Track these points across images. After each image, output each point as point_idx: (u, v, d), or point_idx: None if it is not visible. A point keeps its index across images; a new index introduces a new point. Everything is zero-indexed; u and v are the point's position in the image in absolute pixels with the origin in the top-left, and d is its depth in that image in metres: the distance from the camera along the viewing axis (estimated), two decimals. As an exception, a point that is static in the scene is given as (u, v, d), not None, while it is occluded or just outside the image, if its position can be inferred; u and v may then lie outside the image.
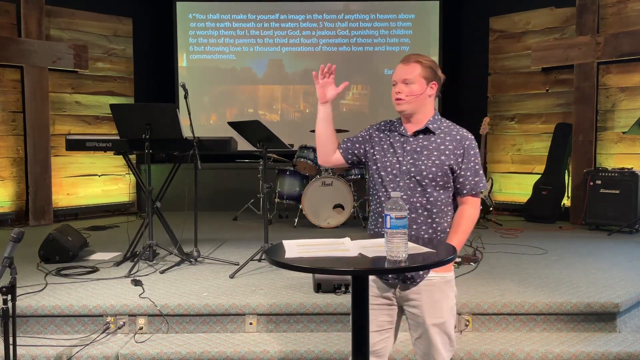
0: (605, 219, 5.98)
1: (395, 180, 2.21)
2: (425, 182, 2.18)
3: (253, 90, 8.23)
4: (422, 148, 2.22)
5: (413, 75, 2.20)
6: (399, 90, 2.21)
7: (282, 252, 1.91)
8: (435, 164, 2.18)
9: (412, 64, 2.21)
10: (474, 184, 2.23)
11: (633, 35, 6.11)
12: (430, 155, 2.20)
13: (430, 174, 2.18)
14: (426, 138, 2.23)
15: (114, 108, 4.39)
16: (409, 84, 2.20)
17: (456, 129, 2.27)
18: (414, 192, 2.18)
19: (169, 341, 3.25)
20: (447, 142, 2.21)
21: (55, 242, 4.43)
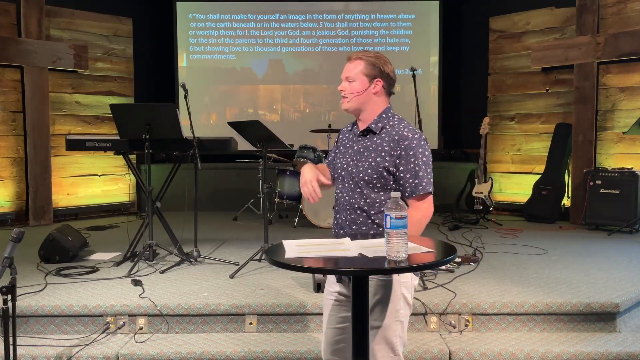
0: (605, 219, 5.98)
1: (342, 180, 2.24)
2: (362, 184, 2.15)
3: (253, 90, 8.23)
4: (364, 149, 2.19)
5: (354, 72, 2.16)
6: (341, 88, 2.20)
7: (282, 252, 1.91)
8: (370, 166, 2.13)
9: (354, 60, 2.17)
10: (414, 186, 2.11)
11: (633, 35, 6.11)
12: (368, 157, 2.15)
13: (365, 175, 2.14)
14: (369, 138, 2.19)
15: (114, 108, 4.39)
16: (350, 81, 2.17)
17: (398, 128, 2.15)
18: (354, 193, 2.18)
19: (169, 341, 3.25)
20: (384, 143, 2.14)
21: (55, 242, 4.43)
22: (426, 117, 5.92)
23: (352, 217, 2.18)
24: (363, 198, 2.16)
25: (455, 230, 5.99)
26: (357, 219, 2.18)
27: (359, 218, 2.18)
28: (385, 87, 2.19)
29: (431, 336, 3.30)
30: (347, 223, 2.20)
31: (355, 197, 2.18)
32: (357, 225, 2.18)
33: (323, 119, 8.01)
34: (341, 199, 2.23)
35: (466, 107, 8.16)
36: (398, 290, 2.14)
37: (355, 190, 2.17)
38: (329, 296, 2.26)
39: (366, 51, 2.21)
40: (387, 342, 2.13)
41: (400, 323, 2.15)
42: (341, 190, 2.24)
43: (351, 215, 2.19)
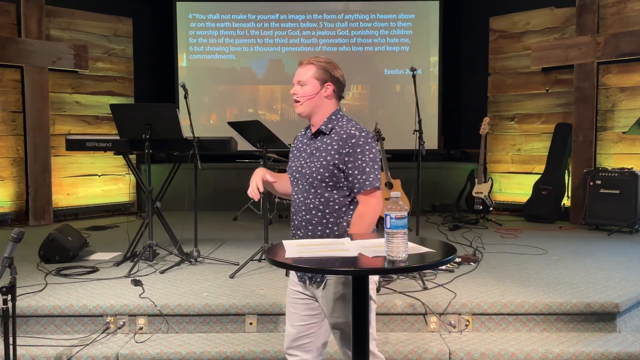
0: (605, 219, 5.98)
1: (297, 182, 2.28)
2: (316, 183, 2.20)
3: (253, 90, 8.23)
4: (316, 149, 2.25)
5: (306, 76, 2.23)
6: (294, 91, 2.26)
7: (282, 252, 1.91)
8: (322, 165, 2.20)
9: (306, 65, 2.24)
10: (362, 181, 2.18)
11: (633, 35, 6.11)
12: (319, 157, 2.22)
13: (318, 174, 2.20)
14: (320, 139, 2.26)
15: (114, 108, 4.39)
16: (303, 85, 2.24)
17: (346, 127, 2.22)
18: (308, 194, 2.22)
19: (169, 341, 3.25)
20: (333, 142, 2.21)
21: (55, 242, 4.43)
22: (426, 117, 5.93)
23: (307, 217, 2.23)
24: (317, 197, 2.21)
25: (455, 230, 5.99)
26: (312, 220, 2.23)
27: (314, 218, 2.22)
28: (336, 91, 2.28)
29: (431, 336, 3.30)
30: (303, 224, 2.25)
31: (310, 198, 2.22)
32: (312, 226, 2.23)
33: (323, 119, 8.00)
34: (297, 201, 2.28)
35: (466, 107, 8.16)
36: None
37: (310, 191, 2.22)
38: (291, 295, 2.30)
39: (317, 57, 2.27)
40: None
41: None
42: (296, 192, 2.28)
43: (306, 215, 2.23)
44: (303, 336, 2.28)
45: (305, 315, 2.27)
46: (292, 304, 2.30)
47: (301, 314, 2.27)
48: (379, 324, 3.36)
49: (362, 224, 2.17)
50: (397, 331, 3.38)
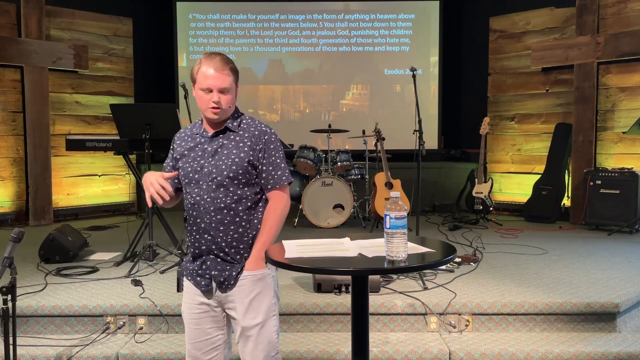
0: (605, 219, 5.98)
1: (198, 183, 2.16)
2: (227, 182, 2.14)
3: (253, 90, 8.23)
4: (223, 147, 2.18)
5: (229, 84, 2.17)
6: (217, 99, 2.13)
7: (281, 252, 1.92)
8: (234, 162, 2.14)
9: (226, 72, 2.16)
10: (277, 177, 2.20)
11: (633, 35, 6.11)
12: (230, 154, 2.16)
13: (231, 172, 2.14)
14: (226, 137, 2.20)
15: (114, 108, 4.39)
16: (225, 93, 2.15)
17: (254, 124, 2.24)
18: (217, 193, 2.13)
19: (169, 341, 3.25)
20: (245, 139, 2.19)
21: (55, 242, 4.43)
22: (426, 117, 5.93)
23: (218, 217, 2.13)
24: (229, 196, 2.14)
25: (455, 230, 5.99)
26: (224, 219, 2.14)
27: (225, 218, 2.14)
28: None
29: (431, 336, 3.30)
30: (213, 225, 2.13)
31: (220, 197, 2.14)
32: (224, 226, 2.14)
33: (323, 119, 8.01)
34: (200, 202, 2.15)
35: (466, 107, 8.16)
36: (272, 284, 2.20)
37: (219, 190, 2.14)
38: (193, 310, 2.19)
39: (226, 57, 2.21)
40: (269, 340, 2.16)
41: (276, 317, 2.21)
42: (198, 194, 2.16)
43: (217, 216, 2.13)
44: (207, 351, 2.19)
45: (209, 328, 2.19)
46: (194, 320, 2.19)
47: (205, 328, 2.19)
48: (379, 324, 3.37)
49: (277, 219, 2.18)
50: (397, 331, 3.38)
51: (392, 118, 7.84)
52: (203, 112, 2.19)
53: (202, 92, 2.14)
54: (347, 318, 3.30)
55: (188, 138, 2.27)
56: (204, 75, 2.13)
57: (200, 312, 2.19)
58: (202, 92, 2.14)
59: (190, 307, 2.21)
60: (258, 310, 2.14)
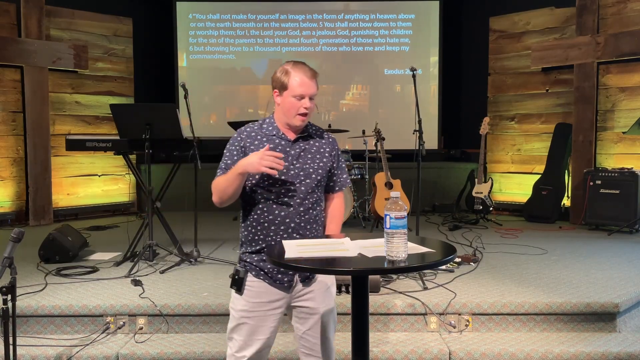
0: (605, 219, 5.98)
1: (285, 185, 2.20)
2: (314, 184, 2.24)
3: (253, 90, 8.23)
4: (305, 152, 2.27)
5: (316, 91, 2.26)
6: (308, 105, 2.21)
7: (282, 252, 1.92)
8: (319, 166, 2.27)
9: (315, 79, 2.24)
10: (343, 180, 2.39)
11: (633, 35, 6.11)
12: (315, 159, 2.27)
13: (318, 176, 2.25)
14: (306, 142, 2.29)
15: (114, 108, 4.39)
16: (313, 99, 2.23)
17: (325, 132, 2.39)
18: (306, 195, 2.22)
19: (169, 341, 3.25)
20: (324, 146, 2.32)
21: (55, 242, 4.43)
22: (426, 117, 5.93)
23: (306, 217, 2.22)
24: (314, 197, 2.25)
25: (455, 230, 5.99)
26: (310, 218, 2.24)
27: (311, 217, 2.24)
28: None
29: (431, 336, 3.30)
30: (302, 225, 2.22)
31: (308, 198, 2.23)
32: (310, 224, 2.24)
33: (323, 119, 8.01)
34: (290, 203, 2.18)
35: (466, 107, 8.16)
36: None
37: (307, 192, 2.22)
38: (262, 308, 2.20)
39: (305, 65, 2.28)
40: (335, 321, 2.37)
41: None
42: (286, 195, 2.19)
43: (305, 215, 2.22)
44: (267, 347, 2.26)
45: (273, 327, 2.25)
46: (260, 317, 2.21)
47: (270, 326, 2.23)
48: (379, 324, 3.37)
49: (341, 218, 2.40)
50: (397, 331, 3.38)
51: (392, 118, 7.84)
52: (290, 118, 2.23)
53: (293, 98, 2.20)
54: (347, 318, 3.30)
55: (262, 138, 2.27)
56: (298, 83, 2.20)
57: (269, 309, 2.22)
58: (293, 99, 2.20)
59: (259, 305, 2.21)
60: (332, 296, 2.31)
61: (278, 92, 2.27)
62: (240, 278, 2.26)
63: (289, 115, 2.23)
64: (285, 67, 2.26)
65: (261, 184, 2.22)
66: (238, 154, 2.26)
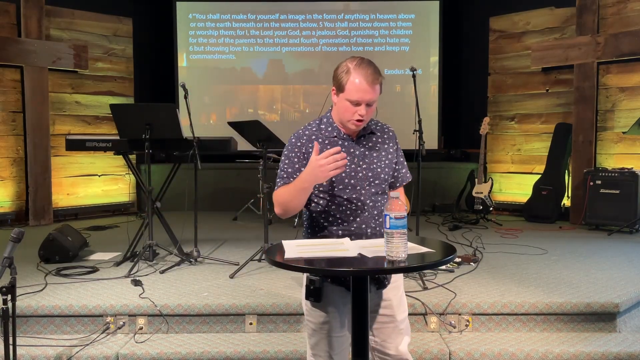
0: (605, 219, 5.98)
1: (355, 188, 2.10)
2: (385, 184, 2.17)
3: (253, 90, 8.23)
4: (370, 150, 2.16)
5: (377, 96, 2.10)
6: (363, 113, 2.06)
7: (281, 252, 1.92)
8: (387, 164, 2.18)
9: (377, 85, 2.07)
10: (403, 174, 2.30)
11: (633, 35, 6.11)
12: (381, 157, 2.17)
13: (386, 175, 2.17)
14: (369, 139, 2.19)
15: (114, 108, 4.39)
16: (371, 105, 2.09)
17: (385, 126, 2.26)
18: (376, 196, 2.15)
19: (169, 341, 3.25)
20: (387, 141, 2.22)
21: (55, 242, 4.43)
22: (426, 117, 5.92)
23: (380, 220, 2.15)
24: (381, 196, 2.17)
25: (455, 230, 5.99)
26: (379, 219, 2.16)
27: (380, 217, 2.15)
28: None
29: (431, 336, 3.30)
30: (378, 229, 2.14)
31: (379, 199, 2.16)
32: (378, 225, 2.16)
33: (323, 119, 8.00)
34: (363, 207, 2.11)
35: (466, 107, 8.16)
36: None
37: (377, 192, 2.15)
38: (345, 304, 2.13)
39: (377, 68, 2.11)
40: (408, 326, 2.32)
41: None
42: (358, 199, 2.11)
43: (380, 219, 2.15)
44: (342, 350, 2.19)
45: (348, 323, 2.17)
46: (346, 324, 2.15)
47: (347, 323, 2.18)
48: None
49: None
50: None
51: (392, 118, 7.79)
52: (344, 122, 2.11)
53: (348, 102, 2.06)
54: (347, 318, 3.30)
55: (323, 141, 2.14)
56: (355, 88, 2.03)
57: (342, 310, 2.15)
58: (348, 103, 2.06)
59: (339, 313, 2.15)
60: (405, 303, 2.25)
61: (335, 90, 2.11)
62: (316, 287, 2.10)
63: (343, 119, 2.11)
64: (348, 64, 2.06)
65: (329, 191, 2.11)
66: (300, 161, 2.13)
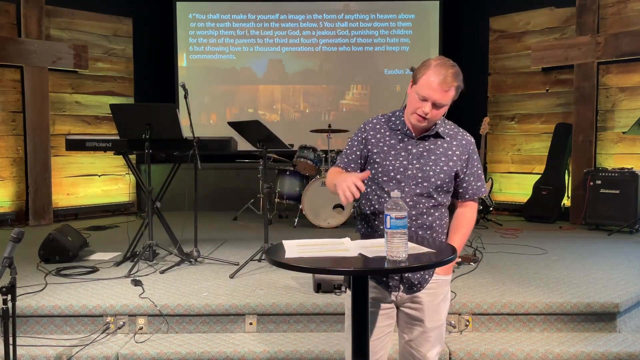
0: (605, 219, 5.98)
1: (400, 184, 2.11)
2: (433, 188, 2.10)
3: (253, 90, 8.23)
4: (429, 152, 2.13)
5: (447, 101, 2.06)
6: (427, 110, 2.03)
7: (282, 252, 1.91)
8: (443, 170, 2.11)
9: (451, 89, 2.04)
10: (477, 188, 2.21)
11: (633, 35, 6.11)
12: (438, 161, 2.12)
13: (438, 180, 2.11)
14: (433, 141, 2.14)
15: (114, 108, 4.38)
16: (439, 108, 2.05)
17: (460, 132, 2.21)
18: (420, 198, 2.11)
19: (169, 341, 3.25)
20: (454, 147, 2.15)
21: (55, 242, 4.42)
22: (426, 117, 5.93)
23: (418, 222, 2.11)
24: (430, 202, 2.11)
25: (455, 230, 5.98)
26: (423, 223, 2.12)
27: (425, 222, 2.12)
28: None
29: (431, 336, 3.30)
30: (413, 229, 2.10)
31: (422, 202, 2.11)
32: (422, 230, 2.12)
33: (323, 119, 8.01)
34: None
35: (466, 107, 8.13)
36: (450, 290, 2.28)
37: (422, 195, 2.10)
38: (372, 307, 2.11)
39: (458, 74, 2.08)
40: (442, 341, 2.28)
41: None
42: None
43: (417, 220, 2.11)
44: (379, 348, 2.17)
45: (382, 326, 2.16)
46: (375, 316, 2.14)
47: (380, 326, 2.16)
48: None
49: (471, 228, 2.22)
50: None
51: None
52: (409, 114, 2.10)
53: (417, 96, 2.05)
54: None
55: (386, 132, 2.17)
56: (427, 84, 2.03)
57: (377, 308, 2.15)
58: (417, 97, 2.06)
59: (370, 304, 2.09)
60: (441, 313, 2.18)
61: (412, 82, 2.11)
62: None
63: (408, 111, 2.10)
64: (432, 61, 2.07)
65: (376, 180, 2.14)
66: (358, 145, 2.22)
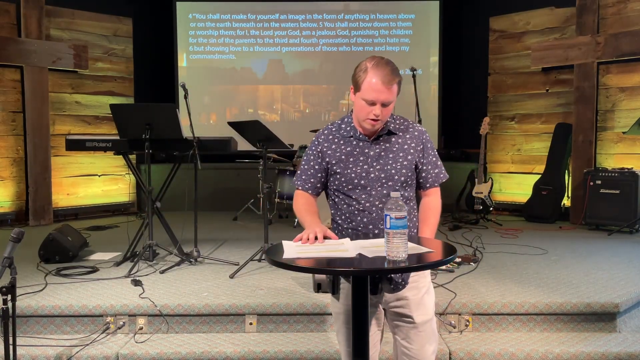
0: (605, 219, 5.98)
1: (366, 189, 2.12)
2: (399, 185, 2.13)
3: (253, 90, 8.23)
4: (386, 151, 2.14)
5: (394, 97, 2.08)
6: (378, 113, 2.05)
7: (281, 252, 1.91)
8: (404, 165, 2.14)
9: (394, 85, 2.06)
10: (435, 175, 2.25)
11: (633, 35, 6.11)
12: (397, 157, 2.14)
13: (402, 176, 2.14)
14: (387, 139, 2.16)
15: (114, 108, 4.39)
16: (386, 105, 2.07)
17: (411, 125, 2.22)
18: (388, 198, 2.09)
19: (169, 341, 3.25)
20: (408, 141, 2.17)
21: (55, 242, 4.43)
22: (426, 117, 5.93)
23: None
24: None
25: (455, 230, 5.99)
26: None
27: None
28: None
29: (431, 336, 3.30)
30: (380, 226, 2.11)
31: None
32: None
33: (323, 119, 8.01)
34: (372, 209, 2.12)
35: (466, 107, 8.16)
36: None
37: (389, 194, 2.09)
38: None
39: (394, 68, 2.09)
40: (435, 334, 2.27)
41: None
42: (367, 200, 2.12)
43: None
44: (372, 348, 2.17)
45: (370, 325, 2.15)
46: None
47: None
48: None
49: (438, 216, 2.26)
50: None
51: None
52: (360, 121, 2.13)
53: (364, 102, 2.08)
54: (347, 318, 3.30)
55: (340, 141, 2.19)
56: (370, 87, 2.05)
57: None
58: (364, 102, 2.08)
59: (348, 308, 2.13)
60: (427, 306, 2.18)
61: (353, 89, 2.14)
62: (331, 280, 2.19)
63: (359, 118, 2.13)
64: (367, 63, 2.09)
65: (342, 189, 2.15)
66: (315, 159, 2.22)
